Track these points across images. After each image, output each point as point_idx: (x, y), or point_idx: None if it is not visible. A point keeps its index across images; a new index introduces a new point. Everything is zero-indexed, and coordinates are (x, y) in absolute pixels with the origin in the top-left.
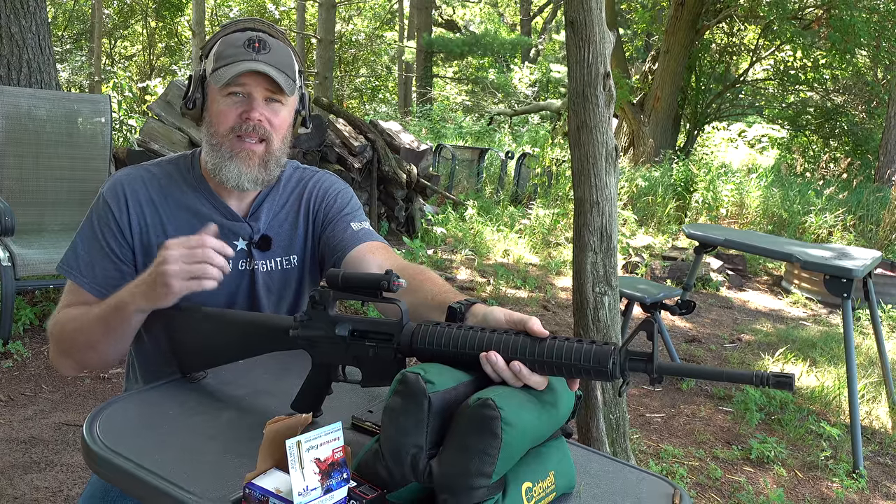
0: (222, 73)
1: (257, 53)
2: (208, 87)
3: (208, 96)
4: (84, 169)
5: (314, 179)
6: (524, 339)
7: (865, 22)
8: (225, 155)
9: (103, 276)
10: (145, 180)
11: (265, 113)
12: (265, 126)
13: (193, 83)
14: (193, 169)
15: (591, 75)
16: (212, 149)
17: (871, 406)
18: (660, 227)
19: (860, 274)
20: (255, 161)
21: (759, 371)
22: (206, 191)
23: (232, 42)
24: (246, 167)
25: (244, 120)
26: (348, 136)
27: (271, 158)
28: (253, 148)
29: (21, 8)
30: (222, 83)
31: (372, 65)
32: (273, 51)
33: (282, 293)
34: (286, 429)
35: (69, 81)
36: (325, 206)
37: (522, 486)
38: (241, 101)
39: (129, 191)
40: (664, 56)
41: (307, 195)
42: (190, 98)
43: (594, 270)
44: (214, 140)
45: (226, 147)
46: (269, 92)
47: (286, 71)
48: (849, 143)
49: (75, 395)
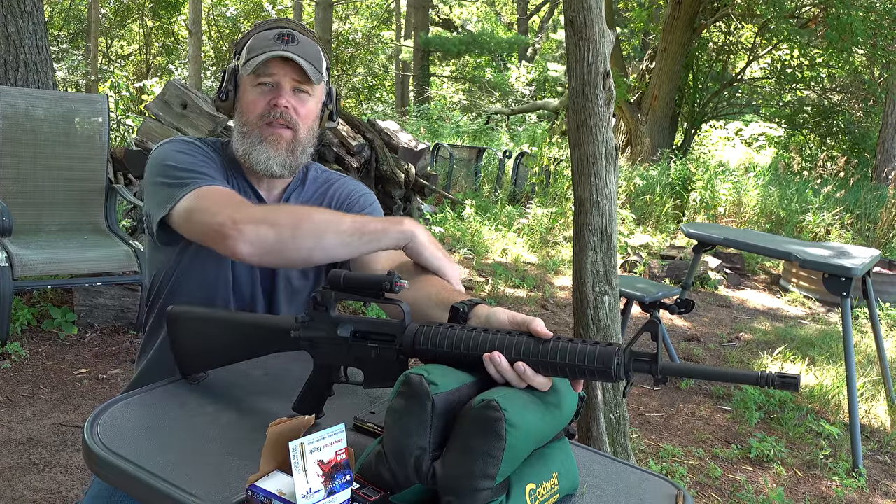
0: (252, 62)
1: (286, 45)
2: (240, 79)
3: (240, 88)
4: (81, 169)
5: (340, 181)
6: (528, 339)
7: (862, 20)
8: (255, 140)
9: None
10: (197, 141)
11: (292, 101)
12: (291, 114)
13: (226, 77)
14: (225, 150)
15: (591, 74)
16: (242, 136)
17: (870, 404)
18: (658, 226)
19: (859, 272)
20: (283, 146)
21: (764, 371)
22: (240, 175)
23: (263, 37)
24: (275, 150)
25: (272, 107)
26: (346, 135)
27: (298, 145)
28: (281, 132)
29: (18, 7)
30: (252, 70)
31: (369, 64)
32: (301, 44)
33: (297, 289)
34: (289, 431)
35: (66, 81)
36: (346, 207)
37: (526, 487)
38: (269, 90)
39: (195, 139)
40: (661, 55)
41: (330, 195)
42: (223, 91)
43: (594, 270)
44: (245, 128)
45: (255, 133)
46: (296, 82)
47: (313, 62)
48: (846, 142)
49: (74, 396)
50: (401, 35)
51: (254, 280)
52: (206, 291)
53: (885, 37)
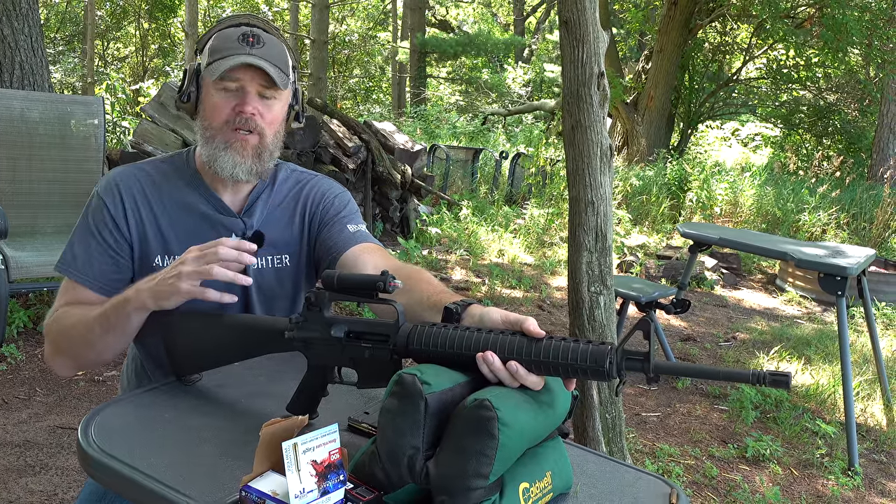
0: (216, 67)
1: (251, 48)
2: (203, 80)
3: (203, 90)
4: (77, 171)
5: (312, 182)
6: (521, 339)
7: (857, 20)
8: (220, 146)
9: (100, 272)
10: (139, 177)
11: (258, 107)
12: (258, 120)
13: (188, 77)
14: (189, 165)
15: (586, 75)
16: (206, 141)
17: (866, 403)
18: (654, 227)
19: (854, 272)
20: (249, 151)
21: (756, 370)
22: (200, 186)
23: (227, 36)
24: (240, 157)
25: (237, 113)
26: (342, 136)
27: (265, 150)
28: (246, 138)
29: (13, 10)
30: (216, 76)
31: (366, 65)
32: (267, 45)
33: (273, 293)
34: (282, 431)
35: (62, 83)
36: (321, 209)
37: (519, 486)
38: (234, 95)
39: (123, 186)
40: (657, 55)
41: (304, 197)
42: (185, 92)
43: (589, 270)
44: (209, 133)
45: (220, 138)
46: (262, 87)
47: (279, 65)
48: (842, 142)
49: (69, 399)
50: (397, 36)
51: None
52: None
53: (881, 36)
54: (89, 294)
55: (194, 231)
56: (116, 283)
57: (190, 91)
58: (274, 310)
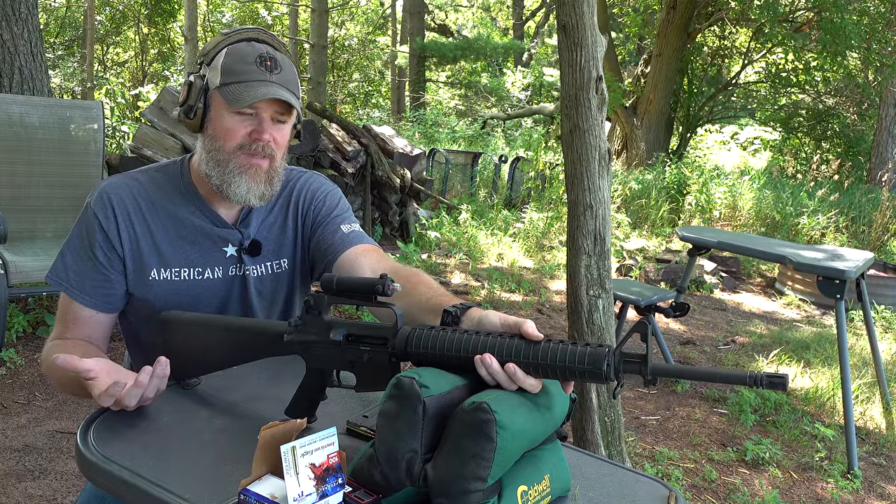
0: (236, 93)
1: (270, 73)
2: (212, 98)
3: (212, 108)
4: (77, 176)
5: (301, 181)
6: (519, 341)
7: (856, 24)
8: (234, 171)
9: (92, 287)
10: (132, 189)
11: (272, 132)
12: (272, 145)
13: (195, 92)
14: (183, 176)
15: (584, 79)
16: (217, 164)
17: (865, 407)
18: (653, 230)
19: (853, 275)
20: (262, 177)
21: (753, 372)
22: (195, 199)
23: (241, 56)
24: (254, 182)
25: (253, 140)
26: (342, 140)
27: (275, 174)
28: (260, 163)
29: (12, 14)
30: (241, 105)
31: (365, 70)
32: (283, 70)
33: (273, 297)
34: (281, 434)
35: (61, 88)
36: (313, 209)
37: (518, 489)
38: (249, 120)
39: (115, 200)
40: (656, 59)
41: (295, 197)
42: (191, 107)
43: (588, 273)
44: (221, 156)
45: (234, 163)
46: (277, 112)
47: (293, 90)
48: (840, 145)
49: (69, 403)
50: (396, 41)
51: (229, 297)
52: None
53: (879, 40)
54: (84, 311)
55: (191, 244)
56: (109, 298)
57: (197, 107)
58: (273, 314)
